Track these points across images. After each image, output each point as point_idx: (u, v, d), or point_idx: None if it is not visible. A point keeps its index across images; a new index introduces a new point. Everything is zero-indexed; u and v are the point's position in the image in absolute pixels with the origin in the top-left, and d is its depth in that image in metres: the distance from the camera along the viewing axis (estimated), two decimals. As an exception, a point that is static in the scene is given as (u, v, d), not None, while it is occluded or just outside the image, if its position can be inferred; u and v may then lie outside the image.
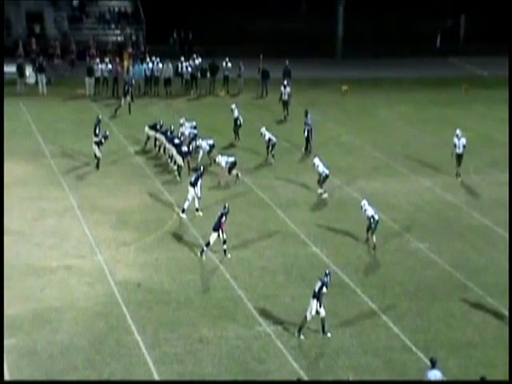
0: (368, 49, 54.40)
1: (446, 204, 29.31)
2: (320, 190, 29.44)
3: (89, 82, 43.64)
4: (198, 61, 45.27)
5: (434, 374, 17.03)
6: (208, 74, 45.01)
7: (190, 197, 26.88)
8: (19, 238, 25.34)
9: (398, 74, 50.54)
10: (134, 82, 42.69)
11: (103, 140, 31.72)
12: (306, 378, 18.38)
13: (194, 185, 26.66)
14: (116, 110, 39.31)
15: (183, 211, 26.95)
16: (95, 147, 31.66)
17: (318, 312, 19.84)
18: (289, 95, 40.41)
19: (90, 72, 43.67)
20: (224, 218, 23.86)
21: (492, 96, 45.10)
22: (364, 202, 25.53)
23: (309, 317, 19.85)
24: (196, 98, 44.32)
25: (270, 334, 20.22)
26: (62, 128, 36.91)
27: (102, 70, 43.80)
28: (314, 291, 19.83)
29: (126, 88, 40.37)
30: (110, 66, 44.07)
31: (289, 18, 55.79)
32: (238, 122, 35.72)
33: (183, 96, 44.19)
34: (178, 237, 25.88)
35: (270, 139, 33.09)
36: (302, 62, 48.34)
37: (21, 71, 43.59)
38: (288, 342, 19.89)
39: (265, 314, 21.14)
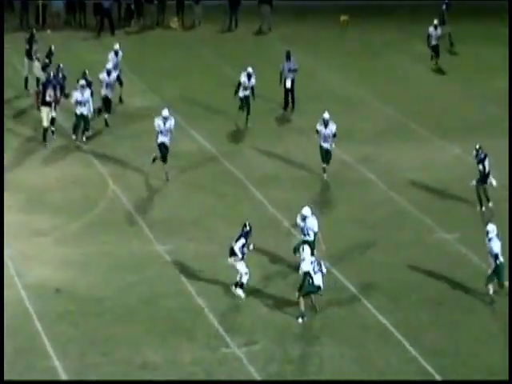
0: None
1: (482, 179, 29.43)
2: None
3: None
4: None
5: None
6: (155, -1, 45.03)
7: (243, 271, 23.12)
8: None
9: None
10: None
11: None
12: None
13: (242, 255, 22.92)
14: None
15: (236, 285, 23.03)
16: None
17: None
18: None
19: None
20: None
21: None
22: (491, 228, 23.06)
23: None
24: (138, 31, 44.15)
25: (241, 358, 20.27)
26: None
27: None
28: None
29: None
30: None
31: None
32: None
33: (120, 28, 43.97)
34: (113, 223, 25.93)
35: (243, 85, 32.50)
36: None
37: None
38: (265, 367, 19.93)
39: (234, 330, 21.20)
